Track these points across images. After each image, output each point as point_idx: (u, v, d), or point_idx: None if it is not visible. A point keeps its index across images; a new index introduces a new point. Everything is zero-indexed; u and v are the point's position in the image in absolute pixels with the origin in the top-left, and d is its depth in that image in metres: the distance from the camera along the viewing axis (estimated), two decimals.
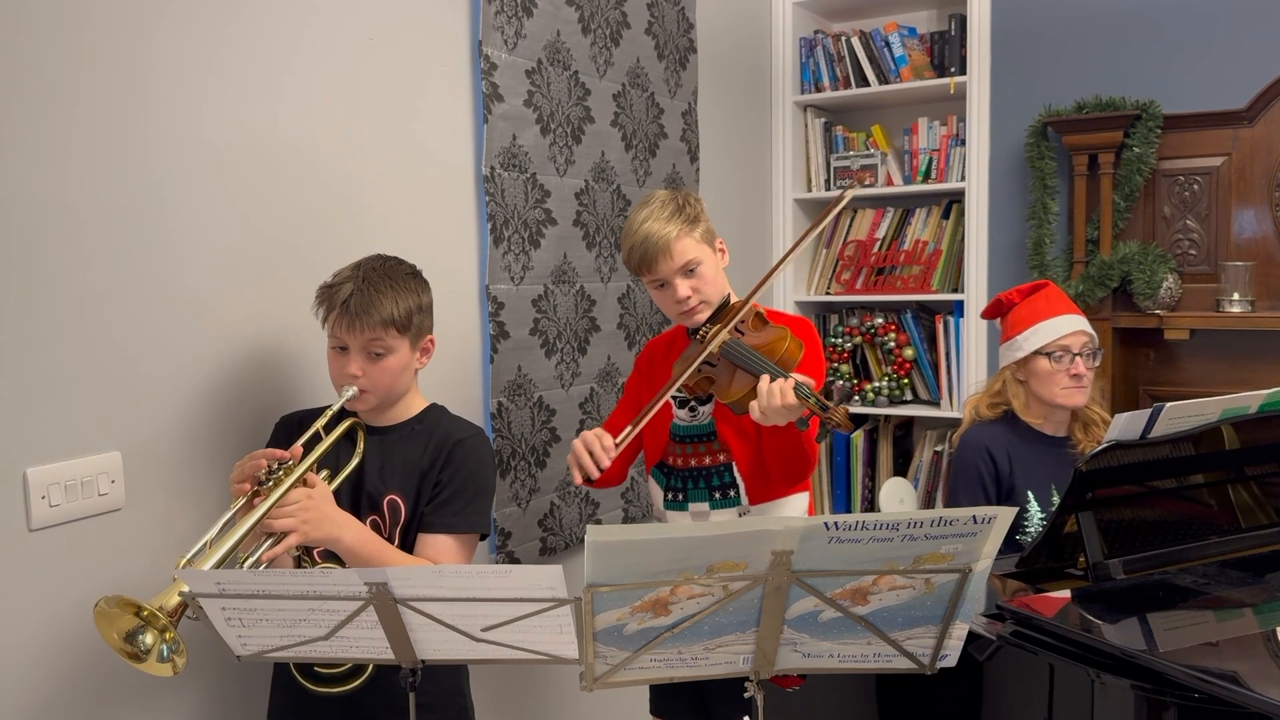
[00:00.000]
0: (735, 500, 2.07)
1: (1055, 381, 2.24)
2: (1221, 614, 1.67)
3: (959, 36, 3.40)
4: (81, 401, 1.65)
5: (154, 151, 1.74)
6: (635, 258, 2.01)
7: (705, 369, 1.95)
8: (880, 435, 3.66)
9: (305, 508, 1.61)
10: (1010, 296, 2.37)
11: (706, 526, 1.37)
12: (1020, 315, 2.31)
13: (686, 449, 2.10)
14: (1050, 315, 2.27)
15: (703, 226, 2.03)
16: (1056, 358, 2.23)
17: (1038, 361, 2.25)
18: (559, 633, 1.34)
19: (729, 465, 2.07)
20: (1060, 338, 2.23)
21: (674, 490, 2.12)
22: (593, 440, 1.91)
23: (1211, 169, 3.03)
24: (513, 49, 2.44)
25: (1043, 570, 1.84)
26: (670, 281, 2.00)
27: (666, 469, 2.14)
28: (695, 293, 2.00)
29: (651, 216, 1.99)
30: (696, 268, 2.00)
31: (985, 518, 1.25)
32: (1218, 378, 3.05)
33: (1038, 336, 2.25)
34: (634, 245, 2.00)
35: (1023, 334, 2.27)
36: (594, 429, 1.96)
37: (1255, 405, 1.84)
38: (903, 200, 3.65)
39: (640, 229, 1.99)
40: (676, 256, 1.98)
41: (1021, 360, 2.28)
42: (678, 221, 1.99)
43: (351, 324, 1.71)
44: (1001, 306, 2.39)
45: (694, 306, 2.01)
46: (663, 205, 2.01)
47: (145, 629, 1.42)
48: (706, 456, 2.09)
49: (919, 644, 1.39)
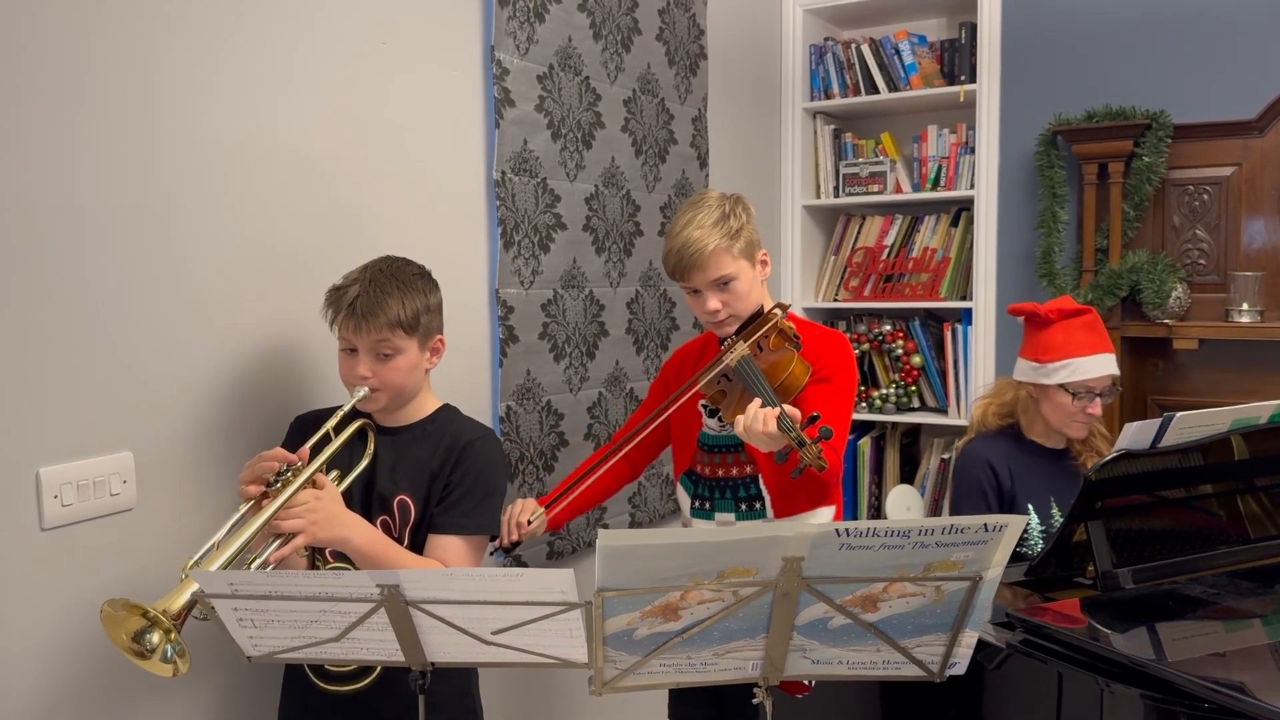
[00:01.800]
0: (761, 512, 2.05)
1: (1071, 417, 2.20)
2: (1230, 624, 1.67)
3: (969, 44, 3.40)
4: (93, 402, 1.66)
5: (165, 154, 1.75)
6: (671, 263, 1.99)
7: (723, 382, 1.94)
8: (887, 442, 3.66)
9: (313, 509, 1.62)
10: (1049, 314, 2.24)
11: (717, 532, 1.37)
12: (1056, 341, 2.21)
13: (714, 459, 2.10)
14: (1089, 353, 2.18)
15: (744, 240, 1.98)
16: (1080, 396, 2.18)
17: (1059, 394, 2.19)
18: (569, 636, 1.34)
19: (755, 477, 2.06)
20: (1090, 379, 2.17)
21: (701, 499, 2.11)
22: (515, 513, 1.97)
23: (1221, 179, 3.03)
24: (524, 54, 2.45)
25: (1051, 579, 1.84)
26: (702, 292, 1.99)
27: (695, 477, 2.14)
28: (725, 306, 1.98)
29: (694, 223, 1.96)
30: (730, 282, 1.97)
31: (996, 525, 1.25)
32: (1226, 388, 3.04)
33: (1068, 372, 2.17)
34: (671, 250, 1.98)
35: (1055, 363, 2.19)
36: (525, 499, 2.02)
37: (1265, 416, 1.84)
38: (911, 208, 3.65)
39: (681, 234, 1.96)
40: (711, 270, 1.96)
41: (1042, 385, 2.22)
42: (718, 233, 1.95)
43: (358, 326, 1.72)
44: (1038, 320, 2.26)
45: (723, 319, 2.00)
46: (709, 212, 1.97)
47: (152, 629, 1.42)
48: (734, 468, 2.08)
49: (928, 651, 1.38)
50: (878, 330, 3.60)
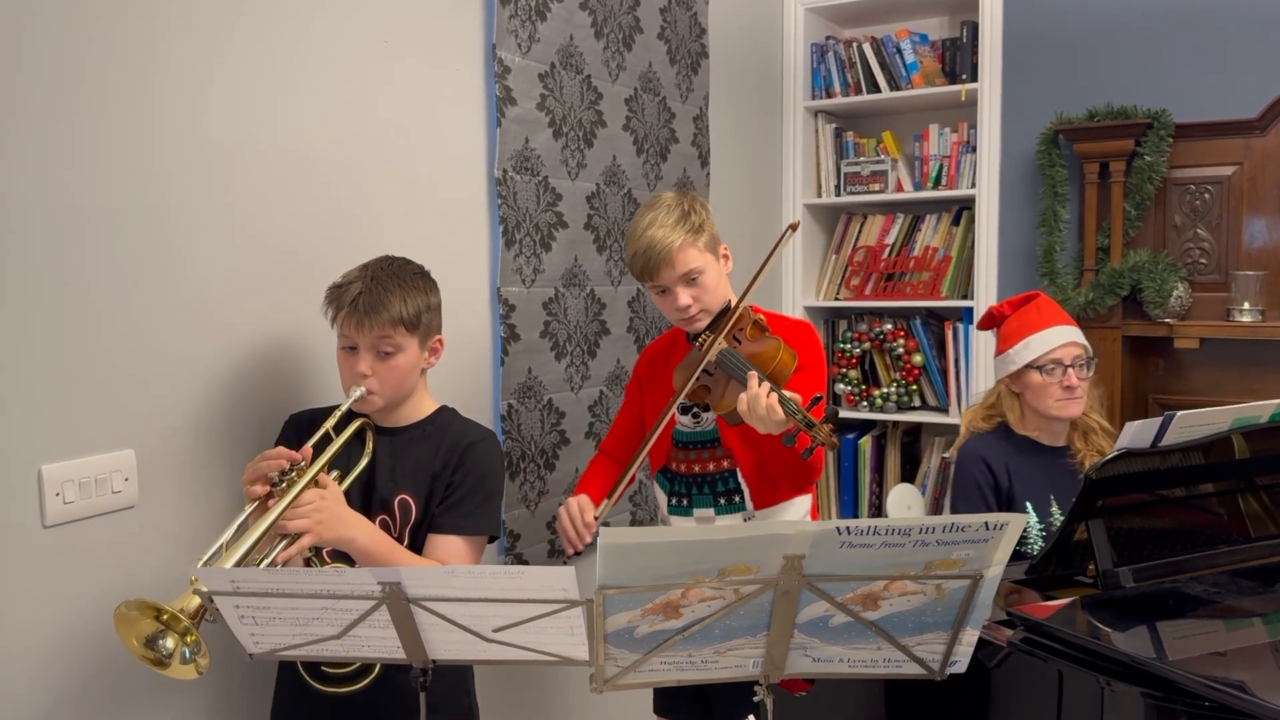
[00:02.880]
0: (740, 505, 2.07)
1: (1048, 394, 2.22)
2: (1231, 623, 1.67)
3: (971, 43, 3.40)
4: (95, 400, 1.67)
5: (167, 153, 1.75)
6: (638, 264, 2.01)
7: (703, 377, 1.96)
8: (888, 441, 3.66)
9: (319, 509, 1.62)
10: (1001, 309, 2.35)
11: (718, 530, 1.37)
12: (1011, 328, 2.29)
13: (690, 455, 2.11)
14: (1041, 328, 2.24)
15: (707, 234, 2.01)
16: (1048, 370, 2.21)
17: (1030, 375, 2.24)
18: (570, 634, 1.34)
19: (733, 471, 2.07)
20: (1051, 351, 2.21)
21: (678, 496, 2.13)
22: (576, 516, 1.98)
23: (1223, 178, 3.03)
24: (526, 52, 2.45)
25: (1052, 578, 1.84)
26: (672, 289, 2.00)
27: (670, 474, 2.15)
28: (696, 301, 2.00)
29: (655, 223, 1.98)
30: (698, 276, 1.99)
31: (997, 524, 1.25)
32: (1227, 387, 3.04)
33: (1029, 350, 2.23)
34: (637, 252, 2.00)
35: (1014, 348, 2.26)
36: (576, 498, 2.02)
37: (1266, 415, 1.84)
38: (913, 206, 3.65)
39: (644, 235, 1.98)
40: (678, 265, 1.97)
41: (1015, 374, 2.27)
42: (681, 230, 1.97)
43: (361, 323, 1.72)
44: (994, 319, 2.37)
45: (694, 315, 2.01)
46: (668, 211, 2.00)
47: (165, 633, 1.42)
48: (710, 463, 2.09)
49: (929, 650, 1.39)
50: (879, 329, 3.60)
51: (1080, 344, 2.25)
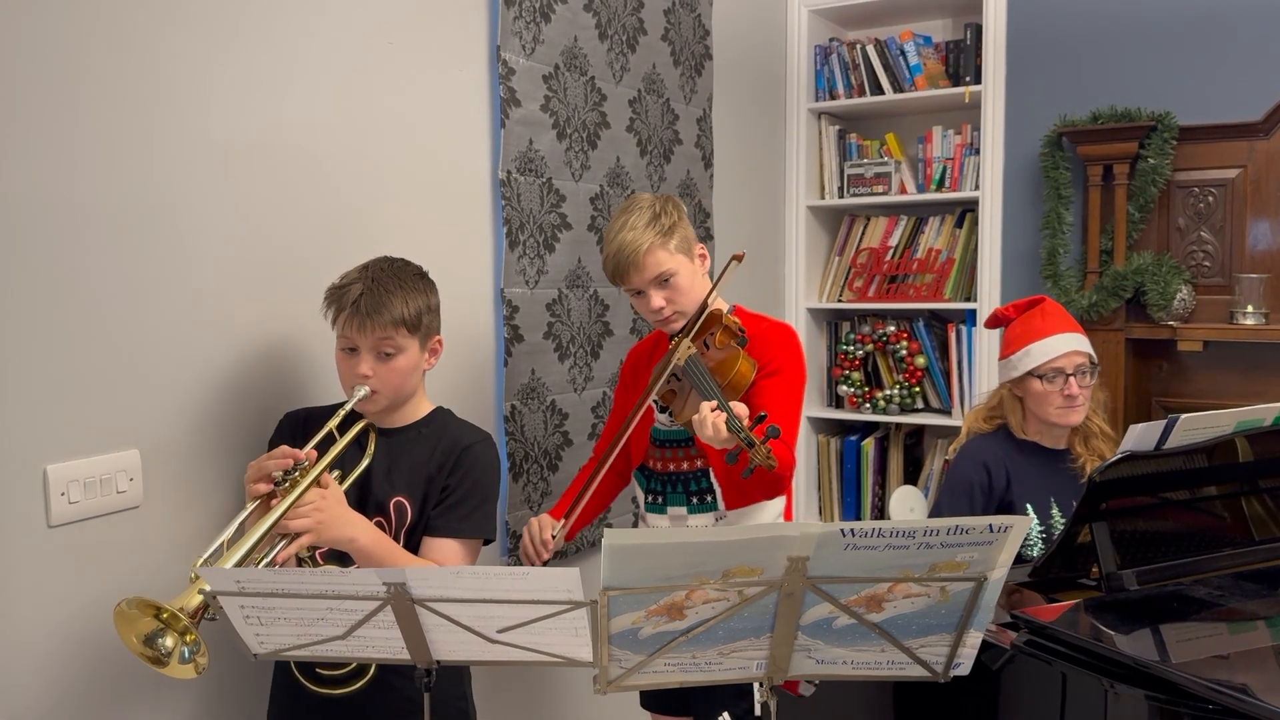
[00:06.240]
0: (712, 505, 2.08)
1: (1049, 402, 2.21)
2: (1235, 626, 1.67)
3: (974, 45, 3.40)
4: (101, 400, 1.67)
5: (171, 153, 1.76)
6: (610, 267, 2.02)
7: (673, 381, 1.96)
8: (891, 443, 3.66)
9: (320, 509, 1.62)
10: (1007, 312, 2.34)
11: (723, 531, 1.38)
12: (1015, 333, 2.28)
13: (666, 453, 2.12)
14: (1044, 335, 2.22)
15: (679, 236, 2.01)
16: (1050, 379, 2.19)
17: (1031, 382, 2.22)
18: (574, 635, 1.34)
19: (706, 471, 2.08)
20: (1052, 359, 2.19)
21: (654, 493, 2.15)
22: (535, 534, 2.03)
23: (1227, 181, 3.03)
24: (530, 54, 2.45)
25: (1056, 580, 1.84)
26: (645, 291, 2.01)
27: (647, 472, 2.16)
28: (670, 303, 2.00)
29: (627, 225, 1.99)
30: (671, 278, 1.99)
31: (1001, 526, 1.25)
32: (1231, 390, 3.04)
33: (1030, 358, 2.21)
34: (609, 255, 2.01)
35: (1016, 354, 2.24)
36: (538, 517, 2.07)
37: (1270, 418, 1.84)
38: (916, 209, 3.65)
39: (616, 238, 1.99)
40: (649, 268, 1.98)
41: (1017, 379, 2.26)
42: (652, 232, 1.97)
43: (362, 324, 1.71)
44: (999, 321, 2.36)
45: (668, 316, 2.01)
46: (639, 214, 2.00)
47: (165, 632, 1.42)
48: (684, 462, 2.10)
49: (933, 652, 1.39)
50: (882, 331, 3.60)
51: (1083, 352, 2.23)
